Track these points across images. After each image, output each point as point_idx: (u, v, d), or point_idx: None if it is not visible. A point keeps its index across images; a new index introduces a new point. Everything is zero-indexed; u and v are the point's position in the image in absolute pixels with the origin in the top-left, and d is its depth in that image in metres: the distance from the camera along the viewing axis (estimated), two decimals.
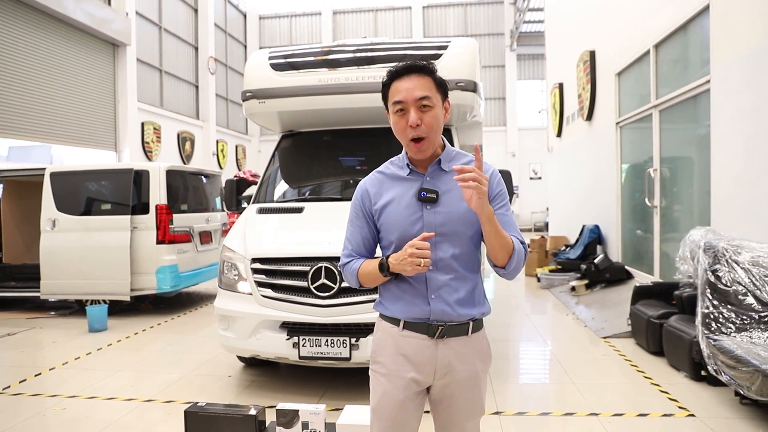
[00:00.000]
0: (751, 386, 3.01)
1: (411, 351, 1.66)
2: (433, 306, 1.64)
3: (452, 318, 1.64)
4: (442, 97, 1.66)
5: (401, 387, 1.66)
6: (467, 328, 1.67)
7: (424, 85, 1.62)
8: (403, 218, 1.66)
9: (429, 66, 1.65)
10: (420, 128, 1.60)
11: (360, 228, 1.77)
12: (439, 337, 1.64)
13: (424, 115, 1.61)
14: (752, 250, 3.66)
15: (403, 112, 1.63)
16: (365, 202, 1.76)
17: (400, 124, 1.65)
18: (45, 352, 5.27)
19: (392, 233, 1.68)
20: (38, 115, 10.87)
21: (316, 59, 4.47)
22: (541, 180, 21.58)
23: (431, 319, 1.64)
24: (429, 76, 1.64)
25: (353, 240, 1.79)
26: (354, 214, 1.80)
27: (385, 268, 1.62)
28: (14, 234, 8.16)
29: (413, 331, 1.66)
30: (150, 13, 15.65)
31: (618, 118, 7.58)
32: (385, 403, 1.67)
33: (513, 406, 3.59)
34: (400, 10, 23.11)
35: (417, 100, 1.60)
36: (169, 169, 6.89)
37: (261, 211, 4.33)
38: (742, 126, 4.39)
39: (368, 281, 1.71)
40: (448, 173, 1.67)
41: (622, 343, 5.07)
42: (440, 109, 1.65)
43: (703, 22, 5.07)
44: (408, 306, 1.67)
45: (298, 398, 3.76)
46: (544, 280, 8.39)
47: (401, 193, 1.69)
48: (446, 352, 1.65)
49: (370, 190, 1.76)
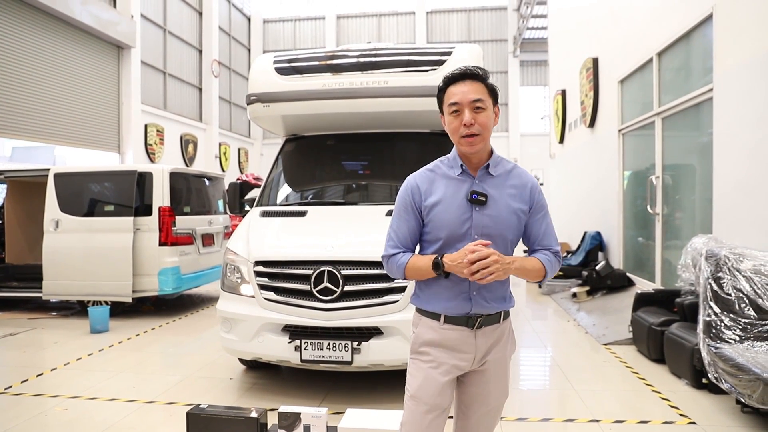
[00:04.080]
0: (752, 394, 3.01)
1: (453, 342, 1.81)
2: (474, 302, 1.79)
3: (489, 311, 1.81)
4: (493, 101, 1.81)
5: (443, 372, 1.81)
6: (500, 317, 1.85)
7: (477, 90, 1.77)
8: (455, 218, 1.78)
9: (483, 72, 1.80)
10: (474, 127, 1.75)
11: (407, 221, 1.86)
12: (477, 328, 1.81)
13: (477, 116, 1.75)
14: (754, 259, 3.66)
15: (458, 113, 1.77)
16: (415, 197, 1.85)
17: (454, 124, 1.78)
18: (47, 353, 5.28)
19: (442, 230, 1.79)
20: (42, 116, 10.91)
21: (321, 64, 4.50)
22: (543, 186, 21.51)
23: (471, 313, 1.80)
24: (482, 82, 1.79)
25: (399, 233, 1.87)
26: (402, 207, 1.88)
27: (441, 267, 1.74)
28: (17, 234, 8.19)
29: (454, 324, 1.81)
30: (155, 16, 15.73)
31: (620, 125, 7.59)
32: (427, 387, 1.80)
33: (514, 412, 3.59)
34: (403, 15, 23.18)
35: (471, 102, 1.75)
36: (172, 172, 6.92)
37: (264, 215, 4.35)
38: (744, 134, 4.40)
39: (416, 276, 1.84)
40: (495, 177, 1.83)
41: (623, 349, 5.07)
42: (491, 112, 1.80)
43: (706, 30, 5.09)
44: (449, 302, 1.80)
45: (300, 401, 3.76)
46: (545, 286, 8.38)
47: (452, 192, 1.80)
48: (483, 340, 1.82)
49: (421, 186, 1.85)
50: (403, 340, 3.53)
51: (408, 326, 3.45)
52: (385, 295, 3.57)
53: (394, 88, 4.23)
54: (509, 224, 1.79)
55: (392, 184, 4.68)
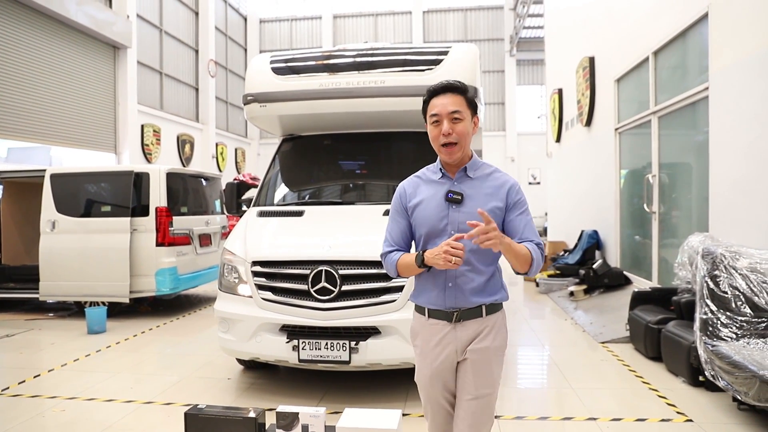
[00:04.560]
0: (748, 392, 3.02)
1: (437, 336, 1.99)
2: (447, 293, 1.95)
3: (465, 304, 1.96)
4: (471, 113, 1.98)
5: (429, 363, 2.02)
6: (481, 311, 1.97)
7: (456, 102, 1.94)
8: (433, 215, 1.97)
9: (462, 86, 1.98)
10: (451, 136, 1.93)
11: (398, 223, 2.08)
12: (457, 321, 1.97)
13: (455, 126, 1.93)
14: (750, 257, 3.68)
15: (438, 123, 1.95)
16: (403, 200, 2.08)
17: (434, 133, 1.97)
18: (44, 354, 5.27)
19: (422, 227, 1.99)
20: (38, 117, 10.87)
21: (317, 63, 4.49)
22: (540, 185, 21.58)
23: (447, 305, 1.96)
24: (461, 95, 1.96)
25: (393, 233, 2.09)
26: (394, 210, 2.11)
27: (420, 260, 1.91)
28: (14, 235, 8.16)
29: (436, 319, 2.00)
30: (151, 16, 15.68)
31: (617, 124, 7.61)
32: (420, 377, 2.07)
33: (511, 411, 3.60)
34: (400, 15, 23.16)
35: (450, 113, 1.93)
36: (169, 172, 6.90)
37: (261, 215, 4.35)
38: (740, 132, 4.42)
39: (406, 272, 2.02)
40: (473, 179, 2.00)
41: (621, 348, 5.09)
42: (469, 123, 1.97)
43: (702, 29, 5.10)
44: (430, 295, 1.99)
45: (298, 401, 3.76)
46: (542, 284, 8.40)
47: (432, 193, 2.01)
48: (464, 333, 1.97)
49: (407, 190, 2.08)
50: (400, 339, 3.53)
51: (405, 325, 3.47)
52: (383, 295, 3.58)
53: (390, 87, 4.24)
54: None
55: (389, 183, 4.68)
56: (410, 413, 3.56)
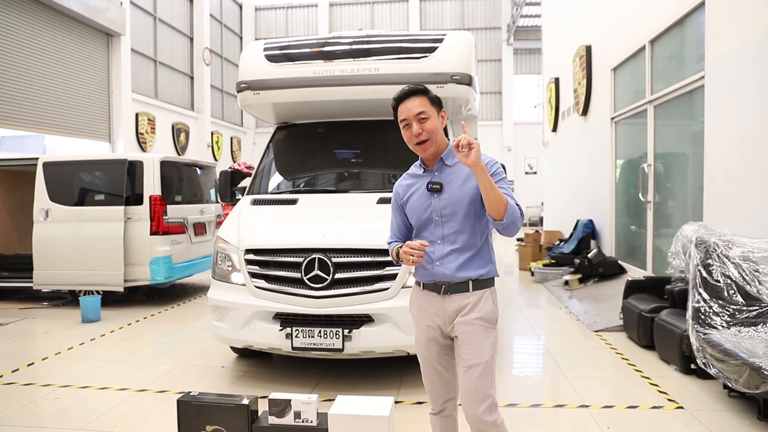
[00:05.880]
0: (738, 379, 3.04)
1: (427, 305, 2.20)
2: (436, 270, 2.14)
3: (452, 279, 2.12)
4: (436, 109, 2.15)
5: (422, 331, 2.24)
6: (468, 286, 2.13)
7: (421, 103, 2.12)
8: (419, 205, 2.19)
9: (423, 88, 2.16)
10: (422, 135, 2.11)
11: (396, 217, 2.33)
12: (445, 293, 2.14)
13: (423, 125, 2.11)
14: (743, 246, 3.69)
15: (408, 126, 2.14)
16: (397, 199, 2.30)
17: (406, 135, 2.16)
18: (38, 342, 5.26)
19: (413, 217, 2.23)
20: (31, 105, 10.77)
21: (312, 51, 4.45)
22: (537, 175, 21.60)
23: (436, 280, 2.15)
24: (424, 96, 2.14)
25: (393, 226, 2.35)
26: (393, 205, 2.34)
27: (396, 256, 2.18)
28: (7, 224, 8.12)
29: (428, 290, 2.20)
30: (144, 3, 15.50)
31: (613, 113, 7.60)
32: (417, 344, 2.28)
33: (505, 398, 3.61)
34: (396, 3, 22.98)
35: (416, 115, 2.10)
36: (163, 160, 6.86)
37: (255, 203, 4.33)
38: (735, 122, 4.41)
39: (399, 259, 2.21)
40: (450, 167, 2.17)
41: (614, 336, 5.11)
42: (436, 118, 2.14)
43: (699, 18, 5.08)
44: (423, 271, 2.19)
45: (291, 389, 3.77)
46: (537, 274, 8.43)
47: (418, 187, 2.22)
48: (451, 305, 2.14)
49: (400, 191, 2.29)
50: (393, 327, 3.54)
51: (398, 313, 3.48)
52: (376, 283, 3.57)
53: (385, 75, 4.21)
54: (462, 201, 2.10)
55: (383, 172, 4.67)
56: (403, 401, 3.58)
